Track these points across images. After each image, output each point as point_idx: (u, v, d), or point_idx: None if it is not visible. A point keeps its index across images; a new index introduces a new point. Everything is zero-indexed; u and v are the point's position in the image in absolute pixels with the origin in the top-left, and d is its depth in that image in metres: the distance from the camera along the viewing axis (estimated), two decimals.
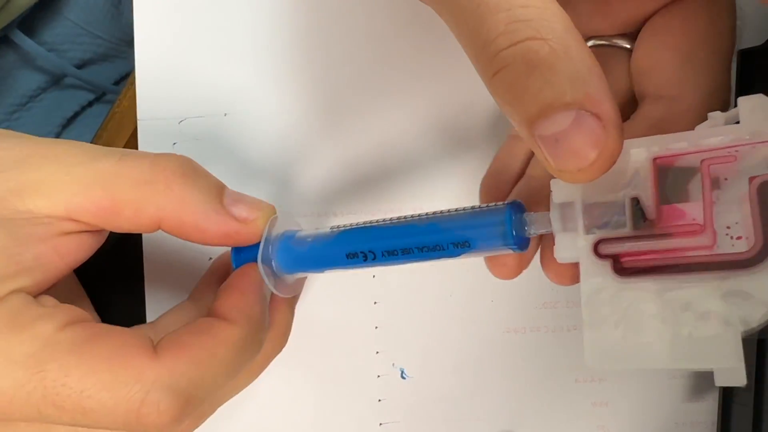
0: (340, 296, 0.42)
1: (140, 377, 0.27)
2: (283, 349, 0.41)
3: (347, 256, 0.31)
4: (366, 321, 0.42)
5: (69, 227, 0.30)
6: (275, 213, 0.33)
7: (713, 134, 0.24)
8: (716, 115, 0.24)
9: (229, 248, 0.34)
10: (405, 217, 0.31)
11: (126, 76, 0.60)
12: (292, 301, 0.37)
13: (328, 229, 0.33)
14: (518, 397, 0.42)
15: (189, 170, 0.31)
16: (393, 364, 0.42)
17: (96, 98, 0.61)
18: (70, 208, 0.29)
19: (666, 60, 0.31)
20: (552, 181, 0.28)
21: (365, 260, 0.31)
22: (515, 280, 0.33)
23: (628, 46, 0.33)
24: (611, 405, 0.42)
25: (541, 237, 0.31)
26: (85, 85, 0.59)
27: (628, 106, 0.32)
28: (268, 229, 0.32)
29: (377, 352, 0.42)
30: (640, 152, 0.25)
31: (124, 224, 0.31)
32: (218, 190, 0.32)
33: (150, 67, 0.41)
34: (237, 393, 0.35)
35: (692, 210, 0.24)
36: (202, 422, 0.34)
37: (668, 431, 0.43)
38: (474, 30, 0.24)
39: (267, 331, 0.33)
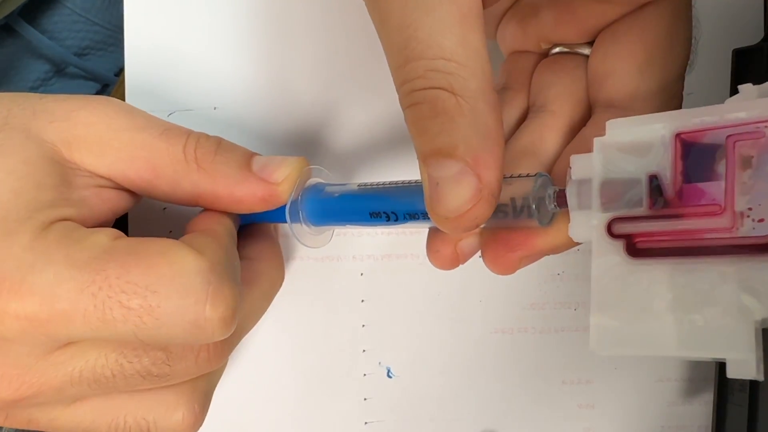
0: (327, 294, 0.40)
1: (197, 269, 0.27)
2: (269, 347, 0.40)
3: (370, 214, 0.31)
4: (353, 319, 0.40)
5: (109, 183, 0.31)
6: (307, 164, 0.33)
7: (741, 108, 0.22)
8: (748, 88, 0.22)
9: None
10: None
11: None
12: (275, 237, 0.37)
13: (355, 186, 0.32)
14: (504, 397, 0.41)
15: (218, 148, 0.31)
16: (379, 363, 0.40)
17: (98, 91, 0.60)
18: (112, 171, 0.30)
19: (620, 69, 0.30)
20: (572, 157, 0.26)
21: (387, 220, 0.30)
22: (504, 279, 0.32)
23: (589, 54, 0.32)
24: (598, 407, 0.41)
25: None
26: (87, 75, 0.58)
27: (588, 113, 0.31)
28: (299, 181, 0.32)
29: (364, 351, 0.40)
30: (663, 127, 0.23)
31: (160, 196, 0.31)
32: (246, 159, 0.32)
33: (139, 59, 0.40)
34: (257, 320, 0.34)
35: (713, 190, 0.22)
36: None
37: None
38: (399, 65, 0.25)
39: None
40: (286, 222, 0.32)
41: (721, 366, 0.38)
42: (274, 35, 0.40)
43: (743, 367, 0.21)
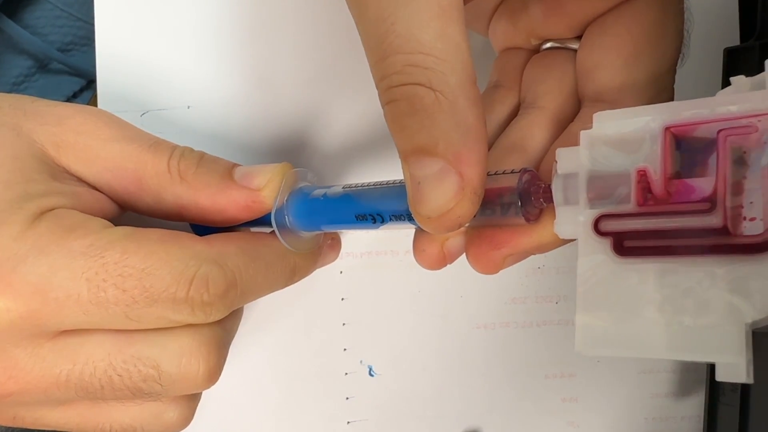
0: (307, 292, 0.38)
1: (195, 254, 0.27)
2: (249, 348, 0.38)
3: (356, 217, 0.29)
4: (333, 318, 0.38)
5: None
6: (290, 169, 0.31)
7: (733, 101, 0.20)
8: (740, 80, 0.20)
9: None
10: None
11: None
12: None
13: (340, 188, 0.30)
14: (487, 393, 0.39)
15: (201, 160, 0.30)
16: (361, 362, 0.38)
17: (83, 87, 0.58)
18: (98, 180, 0.29)
19: (607, 62, 0.28)
20: (558, 150, 0.24)
21: (374, 222, 0.29)
22: (484, 275, 0.30)
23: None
24: (581, 400, 0.39)
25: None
26: (71, 70, 0.57)
27: (578, 108, 0.30)
28: (283, 186, 0.30)
29: (345, 349, 0.38)
30: (652, 120, 0.21)
31: (144, 209, 0.30)
32: (227, 169, 0.31)
33: (110, 58, 0.37)
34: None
35: (704, 186, 0.20)
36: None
37: (638, 426, 0.40)
38: (377, 60, 0.23)
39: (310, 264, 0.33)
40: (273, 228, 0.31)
41: (712, 366, 0.36)
42: (249, 30, 0.38)
43: (733, 370, 0.20)
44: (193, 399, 0.31)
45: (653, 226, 0.21)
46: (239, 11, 0.38)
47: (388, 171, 0.33)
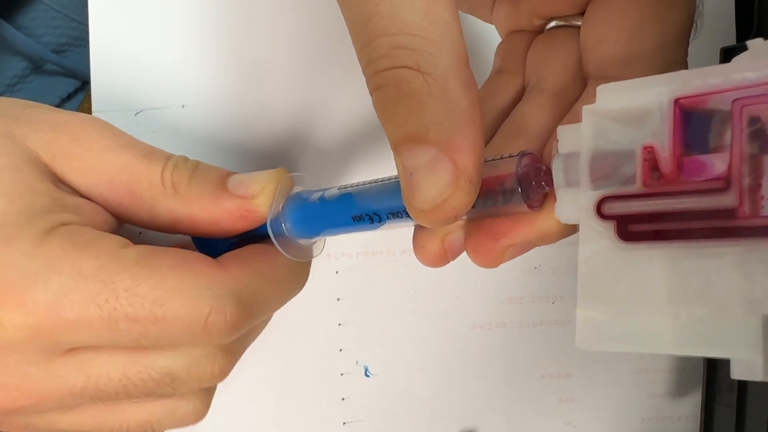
0: (302, 292, 0.37)
1: (210, 284, 0.26)
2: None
3: (353, 218, 0.27)
4: (329, 318, 0.38)
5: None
6: (285, 174, 0.29)
7: (749, 68, 0.17)
8: (758, 43, 0.18)
9: None
10: None
11: None
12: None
13: (335, 189, 0.28)
14: (484, 393, 0.38)
15: (194, 171, 0.29)
16: (357, 362, 0.38)
17: (78, 88, 0.57)
18: (92, 192, 0.28)
19: (611, 37, 0.26)
20: (559, 128, 0.22)
21: (371, 222, 0.27)
22: (481, 274, 0.29)
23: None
24: (577, 401, 0.39)
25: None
26: (66, 72, 0.56)
27: (582, 87, 0.28)
28: (278, 193, 0.29)
29: (340, 350, 0.38)
30: (660, 92, 0.19)
31: (138, 222, 0.29)
32: (221, 179, 0.29)
33: (105, 57, 0.37)
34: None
35: (717, 163, 0.18)
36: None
37: (634, 426, 0.39)
38: (362, 44, 0.22)
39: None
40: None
41: (708, 365, 0.36)
42: (244, 28, 0.37)
43: (749, 367, 0.17)
44: (209, 391, 0.30)
45: (661, 208, 0.19)
46: (233, 9, 0.37)
47: (385, 168, 0.32)
